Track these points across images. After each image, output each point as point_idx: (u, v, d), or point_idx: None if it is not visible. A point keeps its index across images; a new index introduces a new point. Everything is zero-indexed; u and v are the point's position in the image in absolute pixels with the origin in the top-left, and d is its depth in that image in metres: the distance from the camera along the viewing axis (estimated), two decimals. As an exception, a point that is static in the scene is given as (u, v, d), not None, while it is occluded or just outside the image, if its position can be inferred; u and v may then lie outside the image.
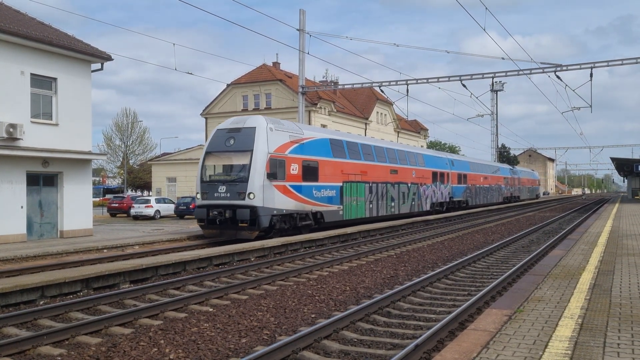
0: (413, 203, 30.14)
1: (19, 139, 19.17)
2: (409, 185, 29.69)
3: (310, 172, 20.60)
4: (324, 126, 46.68)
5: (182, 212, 35.19)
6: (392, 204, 27.50)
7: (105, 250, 16.66)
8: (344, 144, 23.85)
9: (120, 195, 46.64)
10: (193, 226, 24.84)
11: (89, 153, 22.74)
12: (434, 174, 33.56)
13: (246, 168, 18.22)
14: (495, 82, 68.50)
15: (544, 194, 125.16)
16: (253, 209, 17.84)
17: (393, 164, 27.88)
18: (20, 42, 20.35)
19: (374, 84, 33.98)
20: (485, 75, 31.89)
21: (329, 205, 21.55)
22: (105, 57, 24.01)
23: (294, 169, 19.81)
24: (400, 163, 28.93)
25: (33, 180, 20.23)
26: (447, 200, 35.71)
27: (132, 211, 35.86)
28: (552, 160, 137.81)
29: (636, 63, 27.58)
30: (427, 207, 32.10)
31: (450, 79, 32.19)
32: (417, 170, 31.04)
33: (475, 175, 42.24)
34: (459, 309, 7.84)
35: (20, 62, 20.08)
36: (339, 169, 22.67)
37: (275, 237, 18.05)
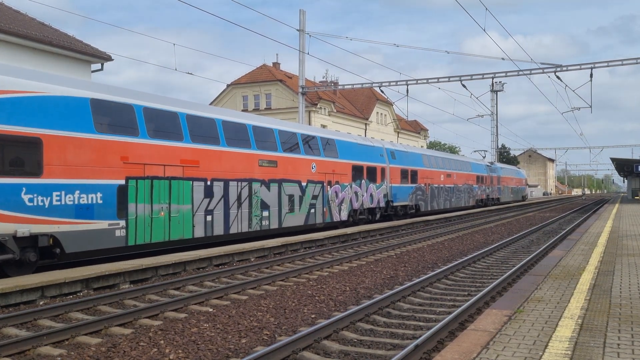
0: (312, 211, 20.32)
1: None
2: (304, 184, 19.90)
3: (18, 158, 11.01)
4: (323, 126, 46.68)
5: None
6: (265, 213, 17.78)
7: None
8: (137, 111, 13.63)
9: None
10: None
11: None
12: (357, 169, 23.75)
13: None
14: (495, 82, 68.47)
15: (544, 194, 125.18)
16: None
17: (266, 152, 18.03)
18: (20, 43, 20.35)
19: (374, 85, 34.00)
20: (485, 76, 31.93)
21: (81, 221, 11.88)
22: (105, 58, 24.03)
23: None
24: (285, 151, 19.07)
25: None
26: (382, 205, 25.97)
27: None
28: (552, 160, 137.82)
29: (636, 63, 27.60)
30: (342, 216, 22.53)
31: (450, 79, 32.23)
32: (323, 163, 21.28)
33: (432, 172, 32.61)
34: (459, 309, 7.83)
35: (19, 62, 20.09)
36: (116, 153, 12.82)
37: None
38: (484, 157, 54.27)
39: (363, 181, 24.25)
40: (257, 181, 17.56)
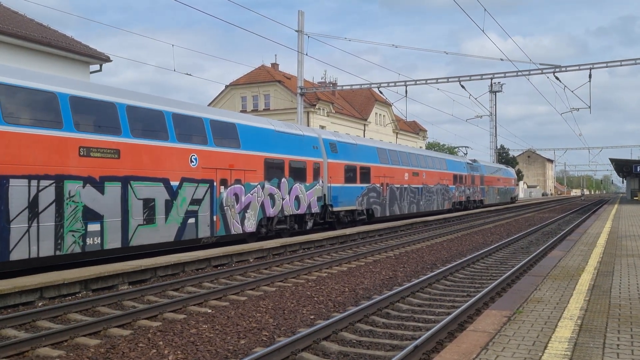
0: (190, 221, 14.65)
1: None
2: (176, 184, 14.23)
3: None
4: (322, 127, 46.71)
5: None
6: (94, 227, 12.10)
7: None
8: None
9: None
10: None
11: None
12: (273, 165, 18.08)
13: None
14: (494, 83, 68.55)
15: (543, 195, 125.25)
16: None
17: (97, 136, 12.36)
18: (19, 44, 20.33)
19: (372, 85, 34.02)
20: (484, 76, 31.98)
21: None
22: (103, 59, 24.02)
23: None
24: (137, 136, 13.36)
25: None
26: (316, 210, 20.57)
27: None
28: (551, 161, 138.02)
29: (635, 64, 27.65)
30: (248, 227, 16.74)
31: (449, 80, 32.26)
32: (211, 155, 15.37)
33: (392, 170, 27.15)
34: (458, 310, 7.83)
35: (18, 63, 20.08)
36: None
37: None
38: (466, 154, 48.42)
39: (284, 180, 18.59)
40: (76, 179, 11.72)
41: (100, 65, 24.19)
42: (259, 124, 18.15)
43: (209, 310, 8.81)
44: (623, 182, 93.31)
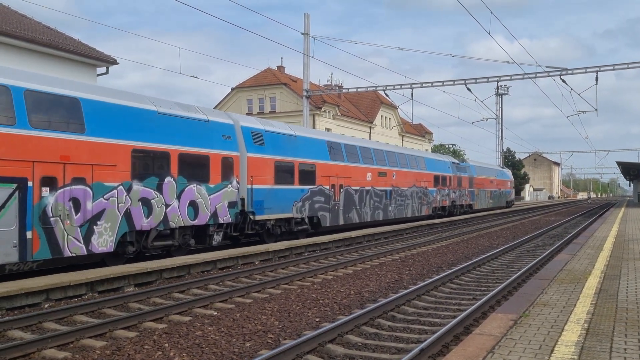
0: None
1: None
2: None
3: None
4: (328, 129, 46.75)
5: None
6: None
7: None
8: None
9: None
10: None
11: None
12: (149, 158, 13.65)
13: None
14: (500, 85, 68.29)
15: (549, 198, 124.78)
16: None
17: None
18: (26, 46, 20.46)
19: (378, 88, 34.01)
20: (490, 79, 31.92)
21: None
22: (110, 61, 24.13)
23: None
24: None
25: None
26: (228, 220, 15.92)
27: None
28: (557, 164, 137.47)
29: (642, 67, 27.52)
30: (96, 245, 11.99)
31: (455, 82, 32.20)
32: (20, 141, 10.60)
33: (348, 169, 22.66)
34: (464, 313, 7.80)
35: (25, 66, 20.20)
36: None
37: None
38: (462, 154, 45.31)
39: (169, 180, 13.86)
40: None
41: (107, 68, 24.29)
42: (127, 101, 13.26)
43: (215, 313, 8.82)
44: (630, 185, 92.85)
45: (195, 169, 14.72)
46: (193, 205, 14.60)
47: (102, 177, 12.19)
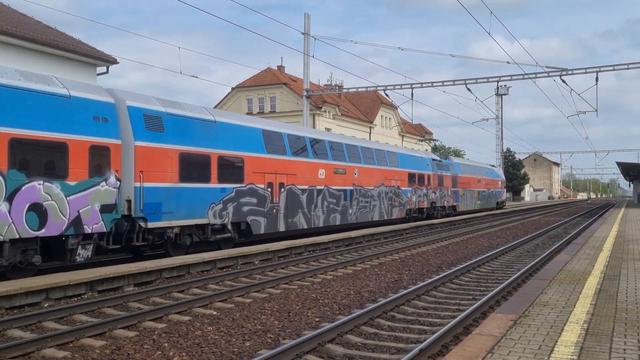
0: None
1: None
2: None
3: None
4: (328, 129, 46.76)
5: None
6: None
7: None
8: None
9: None
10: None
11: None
12: None
13: None
14: (501, 86, 68.28)
15: (549, 198, 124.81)
16: None
17: None
18: (26, 46, 20.46)
19: (378, 88, 34.03)
20: (490, 79, 31.95)
21: None
22: (110, 61, 24.13)
23: None
24: None
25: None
26: (98, 230, 12.12)
27: None
28: (557, 164, 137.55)
29: (642, 67, 27.55)
30: None
31: (455, 83, 32.22)
32: None
33: (292, 164, 19.16)
34: (464, 314, 7.80)
35: (25, 65, 20.21)
36: None
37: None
38: (435, 148, 38.47)
39: None
40: None
41: (107, 67, 24.30)
42: None
43: (214, 312, 8.82)
44: (630, 186, 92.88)
45: (41, 160, 11.10)
46: (37, 209, 10.86)
47: None
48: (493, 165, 50.36)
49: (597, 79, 28.72)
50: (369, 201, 24.18)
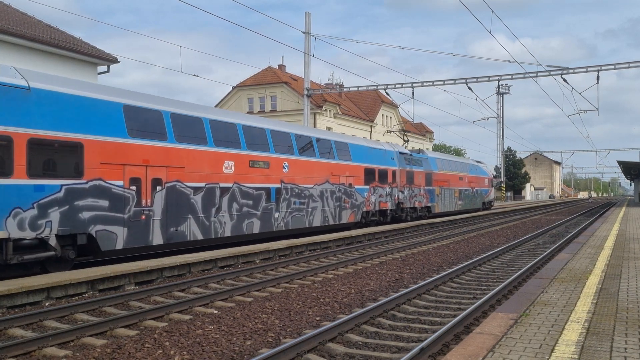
0: None
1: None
2: None
3: None
4: (329, 129, 46.75)
5: None
6: None
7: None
8: None
9: None
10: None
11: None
12: None
13: None
14: (502, 84, 68.37)
15: (550, 197, 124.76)
16: None
17: None
18: (27, 45, 20.47)
19: (379, 87, 34.01)
20: (491, 78, 31.92)
21: None
22: (111, 60, 24.14)
23: None
24: None
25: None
26: None
27: None
28: (558, 163, 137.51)
29: (643, 66, 27.52)
30: None
31: (456, 81, 32.19)
32: None
33: (176, 153, 14.35)
34: (465, 313, 7.80)
35: (26, 64, 20.21)
36: None
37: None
38: (407, 142, 32.47)
39: None
40: None
41: (108, 67, 24.31)
42: None
43: (215, 311, 8.82)
44: (631, 185, 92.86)
45: None
46: None
47: None
48: (479, 162, 45.60)
49: (598, 78, 28.69)
50: (306, 202, 19.59)
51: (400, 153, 27.91)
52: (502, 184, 77.79)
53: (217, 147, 15.67)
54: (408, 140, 32.98)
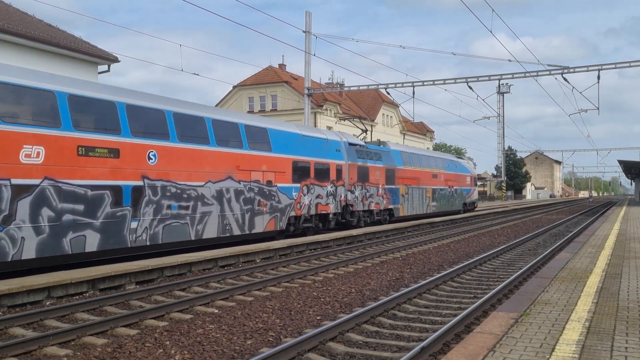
0: None
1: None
2: None
3: None
4: (329, 128, 46.73)
5: None
6: None
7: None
8: None
9: None
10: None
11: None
12: None
13: None
14: (502, 84, 68.34)
15: (550, 196, 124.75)
16: None
17: None
18: (28, 44, 20.47)
19: (379, 86, 34.01)
20: (491, 77, 31.90)
21: None
22: (111, 59, 24.15)
23: None
24: None
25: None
26: None
27: None
28: (559, 162, 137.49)
29: (644, 65, 27.50)
30: None
31: (457, 81, 32.18)
32: None
33: None
34: (465, 312, 7.80)
35: (26, 64, 20.19)
36: None
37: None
38: (365, 132, 27.01)
39: None
40: None
41: (108, 66, 24.31)
42: None
43: (216, 311, 8.83)
44: (631, 184, 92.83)
45: None
46: None
47: None
48: (460, 157, 40.64)
49: (599, 77, 28.66)
50: (190, 206, 14.56)
51: (351, 144, 23.10)
52: (503, 183, 77.78)
53: (9, 125, 10.56)
54: (367, 130, 27.55)
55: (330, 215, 21.24)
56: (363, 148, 24.19)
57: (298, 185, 19.01)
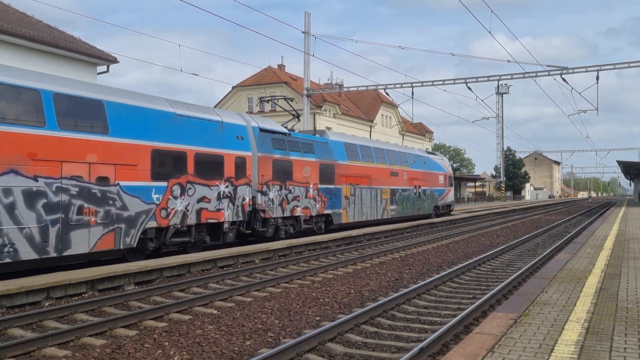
0: None
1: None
2: None
3: None
4: (328, 128, 46.73)
5: None
6: None
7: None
8: None
9: None
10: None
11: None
12: None
13: None
14: (501, 84, 68.39)
15: (549, 197, 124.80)
16: None
17: None
18: (27, 45, 20.46)
19: (379, 87, 34.02)
20: (490, 78, 31.93)
21: None
22: (110, 60, 24.14)
23: None
24: None
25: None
26: None
27: None
28: (558, 163, 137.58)
29: (643, 66, 27.55)
30: None
31: (456, 81, 32.20)
32: None
33: None
34: (464, 312, 7.81)
35: (25, 64, 20.20)
36: None
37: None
38: (297, 117, 23.10)
39: None
40: None
41: (108, 66, 24.30)
42: None
43: (215, 311, 8.82)
44: (631, 185, 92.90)
45: None
46: None
47: None
48: (432, 153, 35.01)
49: (597, 78, 28.70)
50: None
51: (262, 130, 17.84)
52: (502, 184, 77.82)
53: None
54: (299, 116, 23.22)
55: (225, 225, 15.85)
56: (284, 136, 18.97)
57: (164, 184, 13.71)
